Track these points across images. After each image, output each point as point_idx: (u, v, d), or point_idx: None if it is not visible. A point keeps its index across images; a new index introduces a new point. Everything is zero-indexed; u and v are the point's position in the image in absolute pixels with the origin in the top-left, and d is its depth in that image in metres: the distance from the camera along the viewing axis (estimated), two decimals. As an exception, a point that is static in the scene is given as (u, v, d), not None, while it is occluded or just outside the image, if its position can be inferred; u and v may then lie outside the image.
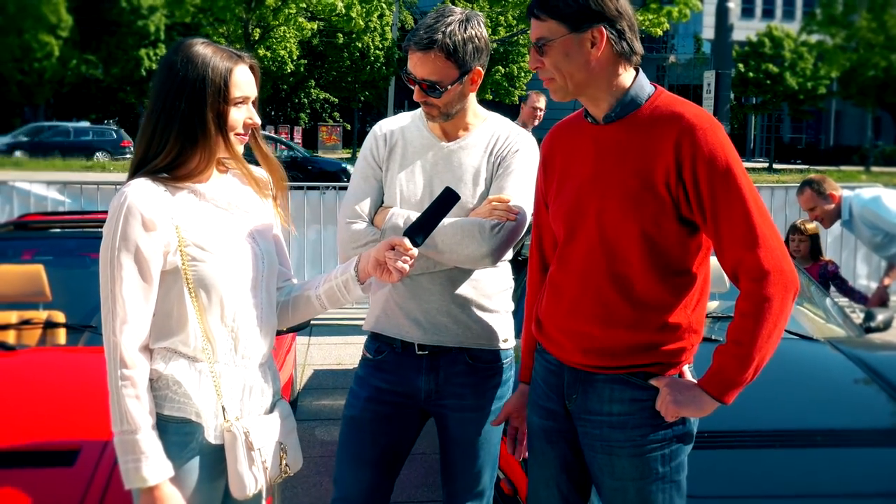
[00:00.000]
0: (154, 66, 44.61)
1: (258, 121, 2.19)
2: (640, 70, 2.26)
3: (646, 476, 2.22)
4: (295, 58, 40.38)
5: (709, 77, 15.87)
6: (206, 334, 2.11)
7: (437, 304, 2.62)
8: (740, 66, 43.34)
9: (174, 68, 2.08)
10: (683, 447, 2.26)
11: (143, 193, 2.06)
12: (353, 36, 36.65)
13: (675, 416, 2.18)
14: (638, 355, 2.21)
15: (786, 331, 3.84)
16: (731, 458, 3.02)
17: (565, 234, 2.31)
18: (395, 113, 2.41)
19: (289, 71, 41.99)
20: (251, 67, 2.17)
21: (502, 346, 2.71)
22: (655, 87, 2.25)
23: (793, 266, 2.12)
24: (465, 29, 2.51)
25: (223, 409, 2.11)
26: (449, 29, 2.49)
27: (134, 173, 2.11)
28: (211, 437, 2.11)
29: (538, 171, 2.49)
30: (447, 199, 2.28)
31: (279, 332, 4.00)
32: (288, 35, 27.18)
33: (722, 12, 16.09)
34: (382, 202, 2.66)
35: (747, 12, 53.03)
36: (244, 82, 2.13)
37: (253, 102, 2.18)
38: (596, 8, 2.13)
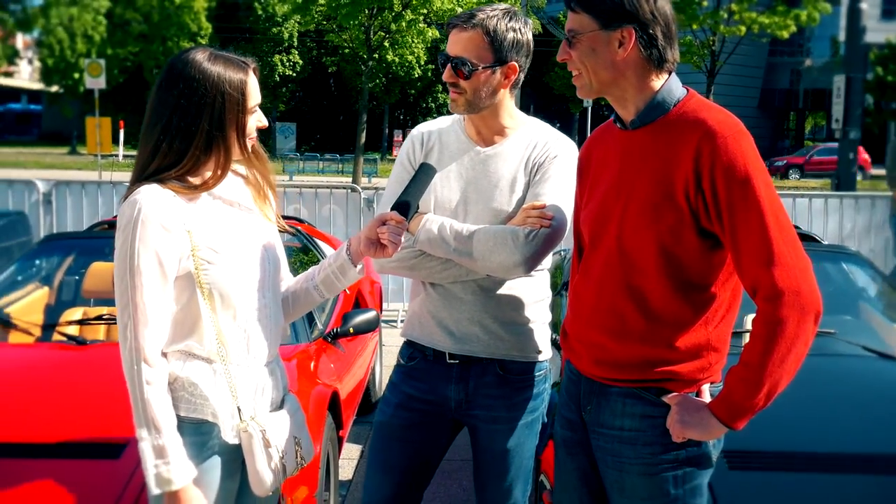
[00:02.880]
0: (288, 73, 46.06)
1: (265, 122, 2.23)
2: (673, 73, 2.18)
3: (656, 497, 2.14)
4: (422, 63, 40.84)
5: (839, 81, 15.20)
6: (219, 336, 2.13)
7: (469, 313, 2.59)
8: (878, 69, 41.31)
9: (190, 84, 2.09)
10: (698, 471, 2.15)
11: (156, 200, 2.08)
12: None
13: (682, 436, 2.09)
14: (651, 370, 2.13)
15: (865, 349, 3.70)
16: (789, 482, 2.88)
17: (589, 242, 2.25)
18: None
19: (416, 76, 42.50)
20: (253, 70, 2.20)
21: (536, 357, 2.66)
22: (688, 90, 2.17)
23: (814, 287, 1.97)
24: (509, 20, 2.50)
25: (238, 409, 2.14)
26: (493, 14, 2.49)
27: (138, 179, 2.13)
28: (228, 436, 2.14)
29: (577, 178, 2.43)
30: (426, 173, 2.34)
31: (347, 334, 4.08)
32: (415, 40, 27.49)
33: (854, 14, 15.42)
34: (418, 207, 2.65)
35: (888, 14, 50.24)
36: (256, 89, 2.18)
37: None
38: (630, 8, 2.07)
